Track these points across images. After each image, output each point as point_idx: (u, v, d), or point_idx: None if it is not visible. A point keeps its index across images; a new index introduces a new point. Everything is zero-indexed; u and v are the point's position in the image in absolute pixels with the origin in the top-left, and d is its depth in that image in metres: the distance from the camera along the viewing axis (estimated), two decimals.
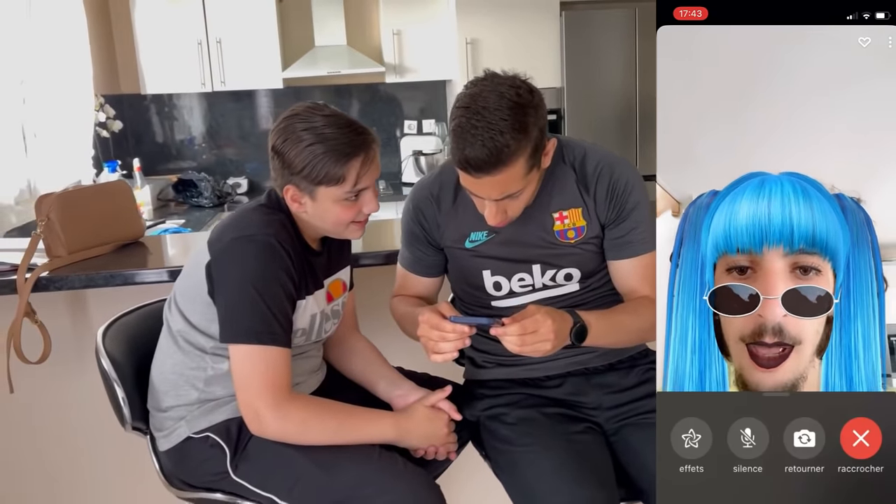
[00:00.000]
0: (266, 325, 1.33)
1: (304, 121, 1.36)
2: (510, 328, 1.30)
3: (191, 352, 1.43)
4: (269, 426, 1.34)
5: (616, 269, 1.52)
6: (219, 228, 1.42)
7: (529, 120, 1.31)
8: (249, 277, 1.33)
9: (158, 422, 1.47)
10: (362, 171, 1.36)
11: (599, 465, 1.40)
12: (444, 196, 1.54)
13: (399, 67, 4.41)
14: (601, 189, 1.49)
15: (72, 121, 3.63)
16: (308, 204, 1.39)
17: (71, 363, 2.05)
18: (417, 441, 1.45)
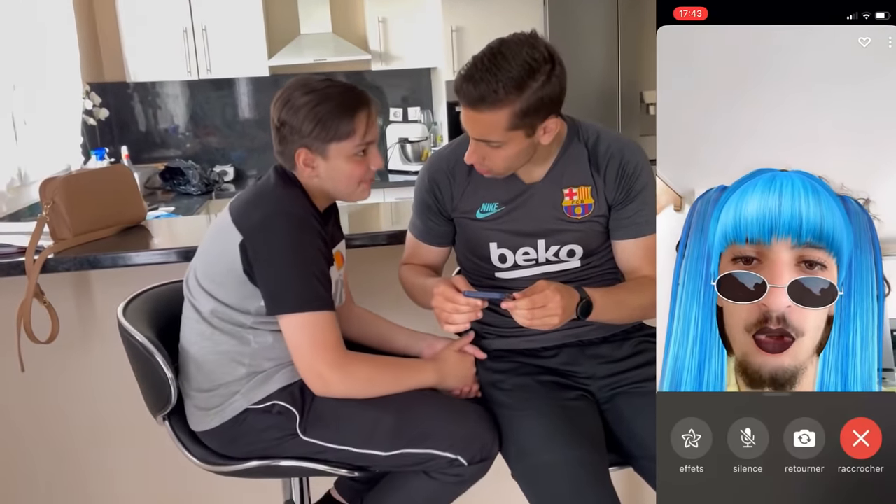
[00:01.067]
0: (313, 292, 1.40)
1: (303, 88, 1.43)
2: (521, 302, 1.37)
3: (230, 330, 1.46)
4: (336, 385, 1.42)
5: (620, 248, 1.59)
6: (242, 207, 1.46)
7: (531, 83, 1.37)
8: (290, 249, 1.39)
9: (202, 401, 1.50)
10: (369, 123, 1.44)
11: (591, 430, 1.47)
12: (458, 168, 1.60)
13: (384, 55, 4.44)
14: (611, 170, 1.55)
15: (60, 108, 3.62)
16: (321, 166, 1.45)
17: (76, 344, 2.08)
18: (454, 381, 1.55)
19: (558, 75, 1.41)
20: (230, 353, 1.47)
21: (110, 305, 1.57)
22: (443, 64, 4.34)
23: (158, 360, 1.46)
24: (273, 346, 1.47)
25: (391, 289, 1.76)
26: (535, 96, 1.38)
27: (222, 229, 1.45)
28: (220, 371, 1.48)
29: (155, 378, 1.48)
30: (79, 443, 2.19)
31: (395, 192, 4.28)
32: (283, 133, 1.44)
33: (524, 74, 1.37)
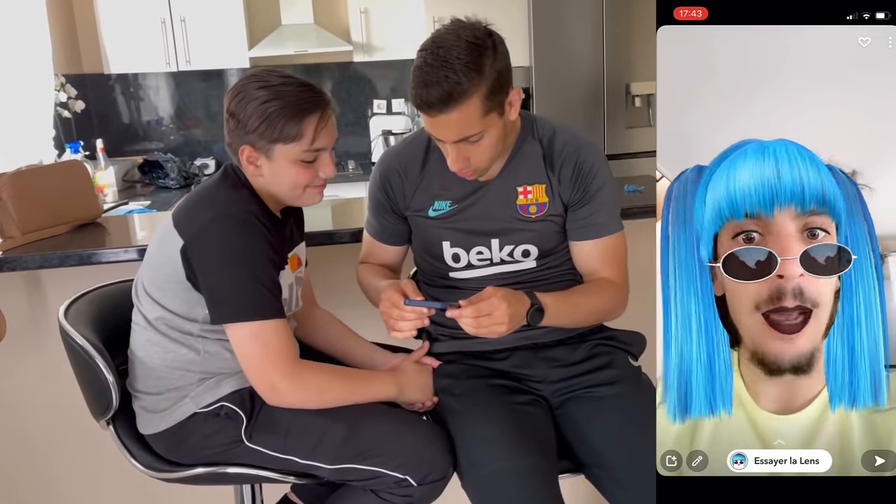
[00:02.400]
0: (262, 299, 1.34)
1: (258, 80, 1.35)
2: (466, 310, 1.34)
3: (178, 338, 1.41)
4: (288, 395, 1.37)
5: (578, 249, 1.55)
6: (185, 210, 1.40)
7: (485, 61, 1.33)
8: (234, 256, 1.32)
9: (150, 403, 1.45)
10: (319, 128, 1.36)
11: (542, 436, 1.42)
12: (411, 166, 1.56)
13: (367, 46, 4.38)
14: (567, 169, 1.51)
15: (30, 101, 3.56)
16: (264, 165, 1.38)
17: (27, 345, 2.03)
18: (413, 394, 1.50)
19: (501, 44, 1.38)
20: (179, 361, 1.42)
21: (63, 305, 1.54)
22: None
23: (99, 364, 1.42)
24: (223, 356, 1.42)
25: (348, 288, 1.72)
26: (494, 71, 1.34)
27: (165, 234, 1.39)
28: (169, 376, 1.43)
29: (96, 382, 1.44)
30: (30, 445, 2.14)
31: None
32: (231, 126, 1.37)
33: (475, 55, 1.32)
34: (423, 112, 1.36)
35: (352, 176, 4.28)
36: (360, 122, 4.68)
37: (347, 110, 4.69)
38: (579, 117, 4.21)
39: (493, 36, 1.37)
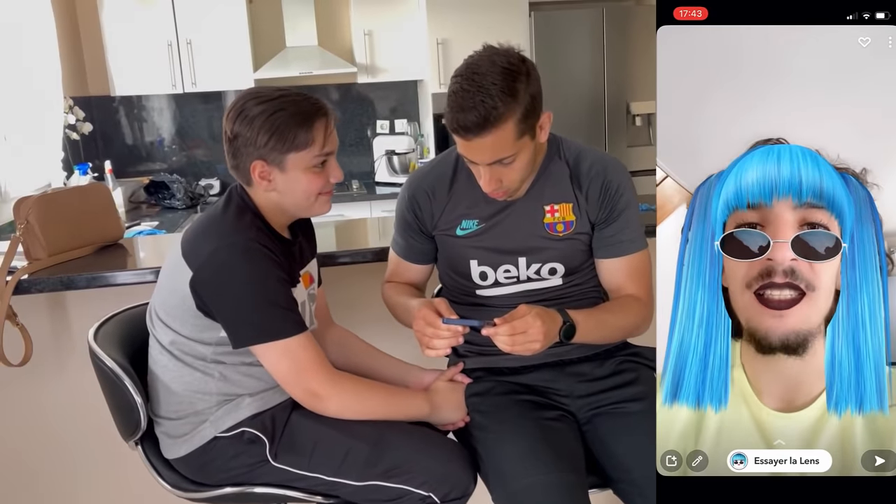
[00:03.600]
0: (284, 317, 1.36)
1: (256, 98, 1.38)
2: (501, 328, 1.36)
3: (192, 362, 1.44)
4: (328, 400, 1.39)
5: (604, 267, 1.58)
6: (191, 240, 1.41)
7: (519, 86, 1.37)
8: (245, 282, 1.34)
9: (171, 428, 1.47)
10: (327, 133, 1.40)
11: (570, 451, 1.44)
12: (439, 186, 1.59)
13: (370, 68, 4.43)
14: (594, 188, 1.54)
15: (41, 123, 3.59)
16: (277, 179, 1.40)
17: (51, 365, 2.05)
18: (448, 413, 1.51)
19: (533, 69, 1.42)
20: (195, 384, 1.44)
21: (86, 327, 1.54)
22: (429, 76, 4.34)
23: (128, 385, 1.44)
24: (240, 378, 1.44)
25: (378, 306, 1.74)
26: (528, 95, 1.38)
27: (174, 263, 1.41)
28: (187, 400, 1.45)
29: (124, 403, 1.46)
30: (53, 466, 2.15)
31: (382, 205, 4.26)
32: (237, 146, 1.39)
33: (510, 80, 1.36)
34: (458, 136, 1.40)
35: (356, 195, 4.31)
36: (363, 143, 4.73)
37: (351, 130, 4.74)
38: (581, 136, 4.23)
39: (527, 62, 1.41)
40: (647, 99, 4.38)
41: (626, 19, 4.31)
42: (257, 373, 1.43)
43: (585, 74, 4.32)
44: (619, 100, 4.37)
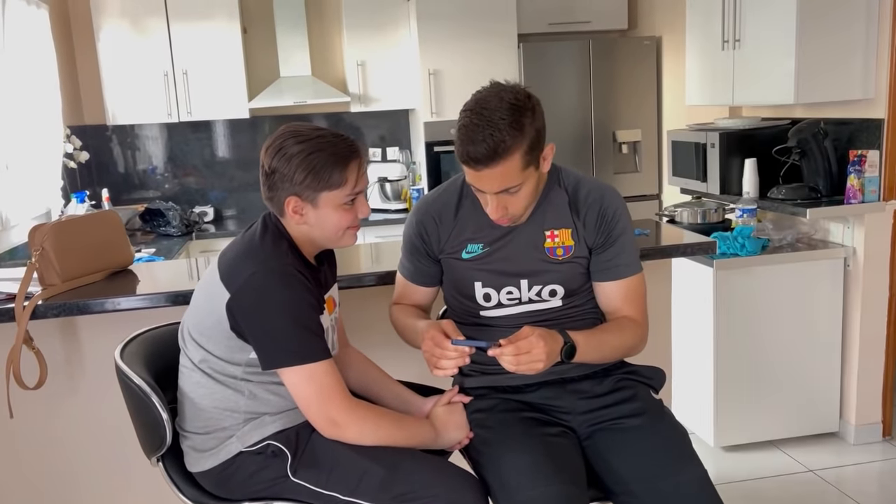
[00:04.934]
0: (311, 343, 1.42)
1: (295, 136, 1.45)
2: (506, 349, 1.43)
3: (223, 380, 1.49)
4: (346, 428, 1.44)
5: (601, 290, 1.67)
6: (230, 263, 1.47)
7: (526, 120, 1.45)
8: (280, 306, 1.40)
9: (198, 442, 1.52)
10: (360, 173, 1.48)
11: (571, 465, 1.51)
12: (445, 212, 1.67)
13: (363, 97, 4.52)
14: (591, 215, 1.63)
15: (41, 152, 3.63)
16: (309, 214, 1.47)
17: (63, 388, 2.09)
18: (451, 434, 1.57)
19: (538, 105, 1.50)
20: (225, 402, 1.50)
21: (97, 350, 1.59)
22: (420, 105, 4.43)
23: (154, 401, 1.49)
24: (267, 397, 1.49)
25: (374, 329, 1.80)
26: (533, 129, 1.47)
27: (211, 284, 1.47)
28: (216, 416, 1.50)
29: (150, 419, 1.51)
30: (64, 488, 2.17)
31: (376, 231, 4.33)
32: (274, 180, 1.46)
33: (517, 115, 1.45)
34: (468, 167, 1.48)
35: None
36: None
37: None
38: (569, 164, 4.31)
39: (532, 98, 1.50)
40: (632, 127, 4.50)
41: (612, 50, 4.44)
42: (284, 392, 1.48)
43: (573, 103, 4.43)
44: (606, 128, 4.49)
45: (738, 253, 3.02)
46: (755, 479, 2.92)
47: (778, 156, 3.25)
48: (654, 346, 1.70)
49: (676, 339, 3.24)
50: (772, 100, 3.17)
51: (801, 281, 3.07)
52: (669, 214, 3.51)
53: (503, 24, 4.38)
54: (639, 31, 4.69)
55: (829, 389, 3.18)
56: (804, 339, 3.11)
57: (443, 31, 4.32)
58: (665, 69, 4.47)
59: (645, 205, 4.49)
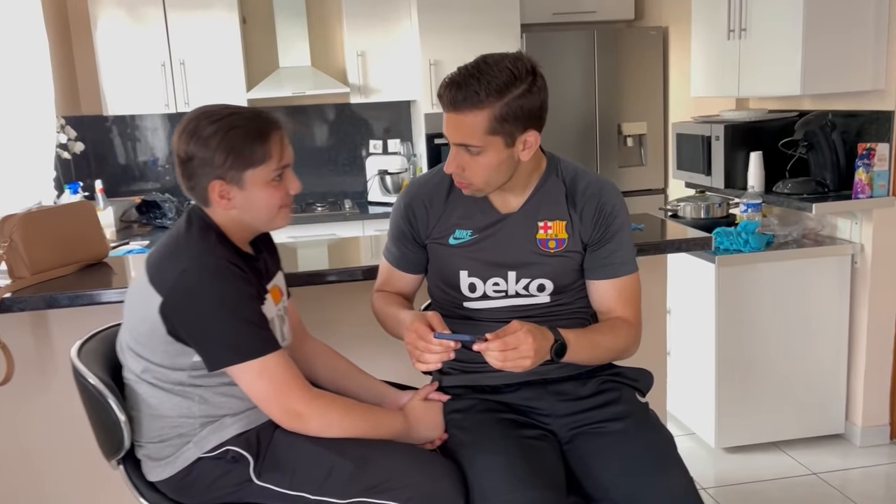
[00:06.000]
0: (255, 336, 1.35)
1: (208, 117, 1.36)
2: (492, 344, 1.36)
3: (170, 388, 1.42)
4: (311, 419, 1.38)
5: (595, 288, 1.59)
6: (158, 265, 1.38)
7: (513, 90, 1.39)
8: (216, 302, 1.33)
9: (154, 451, 1.45)
10: (283, 146, 1.40)
11: (550, 469, 1.44)
12: (436, 195, 1.60)
13: (363, 88, 4.45)
14: (589, 209, 1.56)
15: (32, 143, 3.59)
16: (237, 196, 1.39)
17: (33, 384, 2.03)
18: (424, 432, 1.50)
19: (539, 89, 1.43)
20: (177, 409, 1.43)
21: (69, 345, 1.53)
22: (421, 97, 4.36)
23: (111, 403, 1.43)
24: (220, 400, 1.42)
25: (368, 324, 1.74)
26: (516, 103, 1.40)
27: (141, 289, 1.39)
28: (170, 424, 1.43)
29: (107, 421, 1.45)
30: (33, 487, 2.13)
31: (375, 224, 4.26)
32: (193, 167, 1.37)
33: (506, 81, 1.39)
34: (441, 103, 1.44)
35: (348, 215, 4.31)
36: (356, 162, 4.74)
37: (344, 150, 4.75)
38: (573, 157, 4.22)
39: (536, 78, 1.43)
40: (638, 119, 4.40)
41: (618, 41, 4.35)
42: (238, 392, 1.41)
43: (577, 95, 4.34)
44: (611, 120, 4.39)
45: (741, 249, 2.92)
46: (757, 482, 2.84)
47: (784, 149, 3.15)
48: (648, 345, 1.62)
49: (676, 336, 3.17)
50: (778, 91, 3.07)
51: (806, 278, 2.97)
52: (672, 209, 3.42)
53: (506, 13, 4.29)
54: (645, 21, 4.59)
55: (834, 390, 3.08)
56: (809, 338, 3.02)
57: (444, 20, 4.24)
58: (672, 60, 4.37)
59: (650, 199, 4.39)
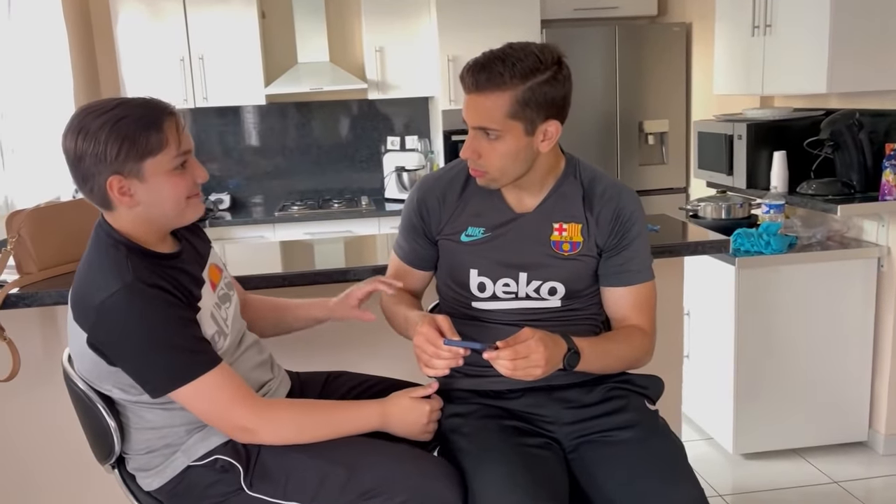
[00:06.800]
0: (190, 356, 1.29)
1: (94, 112, 1.27)
2: (503, 352, 1.32)
3: (143, 405, 1.38)
4: (262, 432, 1.34)
5: (610, 295, 1.56)
6: (76, 298, 1.31)
7: (538, 76, 1.38)
8: (140, 331, 1.26)
9: (143, 462, 1.43)
10: (179, 131, 1.31)
11: (553, 479, 1.40)
12: (450, 190, 1.58)
13: (381, 84, 4.43)
14: (606, 213, 1.52)
15: (51, 136, 3.61)
16: (139, 190, 1.29)
17: (40, 381, 2.03)
18: (398, 428, 1.44)
19: (564, 78, 1.41)
20: (157, 421, 1.40)
21: None
22: (439, 93, 4.32)
23: (100, 408, 1.41)
24: None
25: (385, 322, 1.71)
26: (539, 89, 1.38)
27: (72, 326, 1.34)
28: (156, 435, 1.41)
29: (98, 427, 1.43)
30: (39, 481, 2.12)
31: (391, 221, 4.23)
32: (86, 166, 1.26)
33: (531, 65, 1.38)
34: (463, 86, 1.42)
35: (365, 211, 4.29)
36: (373, 159, 4.72)
37: (361, 147, 4.73)
38: (593, 155, 4.22)
39: (560, 65, 1.41)
40: (659, 117, 4.33)
41: (640, 37, 4.27)
42: None
43: (598, 92, 4.28)
44: (632, 118, 4.32)
45: (762, 251, 2.85)
46: (776, 490, 2.77)
47: (809, 149, 3.07)
48: (664, 348, 1.58)
49: (694, 339, 3.10)
50: (803, 89, 2.99)
51: (830, 281, 2.90)
52: (693, 209, 3.35)
53: (526, 9, 4.24)
54: (668, 17, 4.51)
55: (857, 396, 3.00)
56: (832, 343, 2.94)
57: (463, 16, 4.20)
58: (695, 57, 4.28)
59: (671, 198, 4.32)
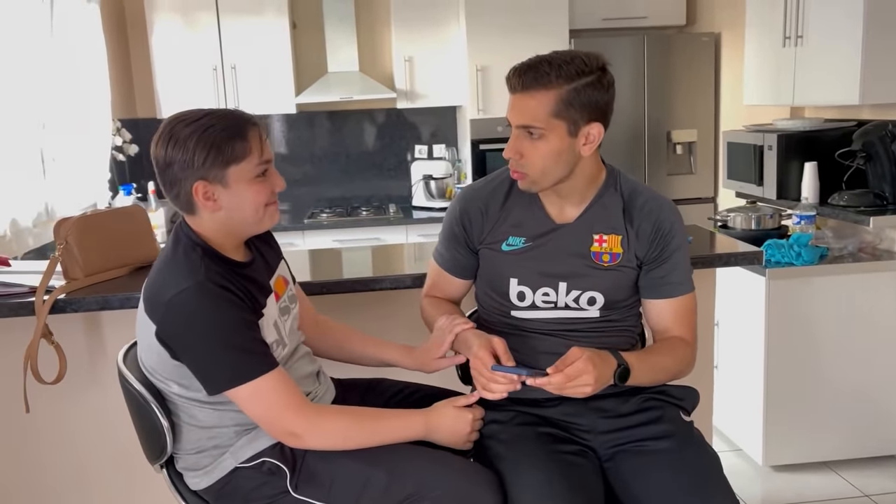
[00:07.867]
0: (250, 358, 1.34)
1: (183, 121, 1.35)
2: (555, 378, 1.36)
3: (198, 402, 1.42)
4: (309, 438, 1.38)
5: (651, 307, 1.58)
6: (150, 292, 1.38)
7: (582, 79, 1.42)
8: (206, 328, 1.32)
9: (192, 462, 1.47)
10: (262, 142, 1.38)
11: (588, 487, 1.42)
12: (493, 201, 1.60)
13: (410, 93, 4.47)
14: (646, 225, 1.54)
15: (89, 145, 3.69)
16: (222, 196, 1.36)
17: (85, 384, 2.08)
18: (442, 437, 1.47)
19: (608, 84, 1.46)
20: (209, 420, 1.44)
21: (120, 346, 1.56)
22: (467, 102, 4.35)
23: (154, 408, 1.45)
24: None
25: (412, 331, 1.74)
26: (584, 91, 1.42)
27: (141, 319, 1.40)
28: (206, 435, 1.45)
29: (151, 427, 1.47)
30: (84, 484, 2.17)
31: (419, 229, 4.27)
32: (174, 172, 1.35)
33: (577, 68, 1.42)
34: (509, 87, 1.46)
35: (392, 219, 4.33)
36: (401, 167, 4.76)
37: (390, 155, 4.77)
38: (621, 164, 4.16)
39: (604, 71, 1.46)
40: (688, 127, 4.33)
41: (668, 47, 4.28)
42: None
43: (626, 101, 4.28)
44: (660, 128, 4.32)
45: (793, 262, 2.85)
46: (805, 503, 2.76)
47: (841, 160, 3.06)
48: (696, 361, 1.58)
49: (724, 350, 3.10)
50: (835, 100, 2.98)
51: (862, 293, 2.88)
52: (722, 220, 3.35)
53: (554, 19, 4.26)
54: (697, 27, 4.51)
55: (890, 409, 2.98)
56: (864, 355, 2.92)
57: (492, 26, 4.23)
58: (724, 67, 4.28)
59: (699, 208, 4.31)
